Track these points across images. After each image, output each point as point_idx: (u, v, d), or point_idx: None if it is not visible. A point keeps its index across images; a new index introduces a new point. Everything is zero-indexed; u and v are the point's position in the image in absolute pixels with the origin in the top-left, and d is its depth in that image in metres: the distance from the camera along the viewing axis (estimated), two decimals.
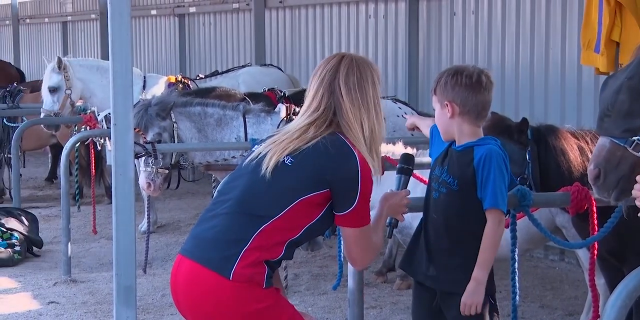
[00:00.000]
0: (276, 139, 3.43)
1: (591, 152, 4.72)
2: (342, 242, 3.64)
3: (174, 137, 7.46)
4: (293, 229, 3.35)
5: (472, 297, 3.73)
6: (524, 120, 4.87)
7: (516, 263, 4.27)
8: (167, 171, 7.37)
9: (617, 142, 3.30)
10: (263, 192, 3.35)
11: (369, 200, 3.39)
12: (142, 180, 7.21)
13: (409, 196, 3.72)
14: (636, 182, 3.33)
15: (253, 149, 3.51)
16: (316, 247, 6.74)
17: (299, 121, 3.46)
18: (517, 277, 4.28)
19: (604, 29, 6.67)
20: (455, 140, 3.87)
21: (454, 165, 3.83)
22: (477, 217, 3.77)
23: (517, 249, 4.27)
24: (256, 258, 3.31)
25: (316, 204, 3.34)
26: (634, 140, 3.26)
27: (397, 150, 6.11)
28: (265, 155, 3.39)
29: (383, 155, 4.77)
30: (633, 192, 3.21)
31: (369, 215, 3.42)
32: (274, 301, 3.37)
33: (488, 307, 3.81)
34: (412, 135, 7.86)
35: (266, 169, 3.35)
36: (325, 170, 3.32)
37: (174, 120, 7.47)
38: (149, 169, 7.18)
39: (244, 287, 3.30)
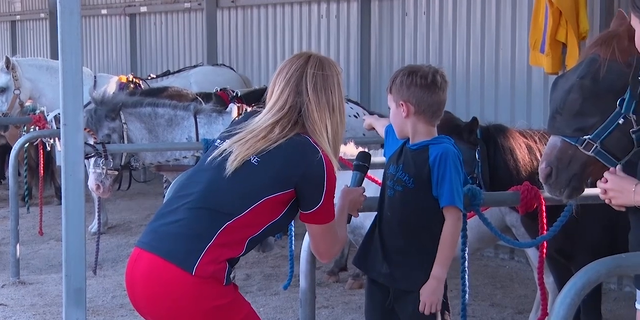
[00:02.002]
0: (241, 137, 3.42)
1: (539, 151, 4.77)
2: (308, 238, 3.67)
3: (123, 138, 7.38)
4: (255, 226, 3.37)
5: (432, 295, 3.75)
6: (474, 119, 4.90)
7: (466, 262, 4.29)
8: (116, 172, 7.31)
9: (568, 141, 3.33)
10: (228, 190, 3.35)
11: (334, 197, 3.43)
12: (92, 182, 7.13)
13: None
14: (587, 180, 3.38)
15: (216, 144, 3.50)
16: (268, 248, 6.74)
17: (263, 119, 3.45)
18: (467, 276, 4.30)
19: (549, 30, 6.74)
20: (409, 139, 3.89)
21: (410, 164, 3.85)
22: (433, 214, 3.80)
23: (467, 248, 4.30)
24: (219, 255, 3.31)
25: (280, 202, 3.37)
26: (585, 139, 3.29)
27: (348, 150, 6.12)
28: (230, 153, 3.39)
29: None
30: (592, 188, 3.24)
31: (334, 211, 3.48)
32: (233, 299, 3.38)
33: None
34: (364, 135, 7.92)
35: (231, 167, 3.35)
36: (293, 170, 3.34)
37: (123, 121, 7.38)
38: (98, 170, 7.11)
39: (205, 282, 3.30)
